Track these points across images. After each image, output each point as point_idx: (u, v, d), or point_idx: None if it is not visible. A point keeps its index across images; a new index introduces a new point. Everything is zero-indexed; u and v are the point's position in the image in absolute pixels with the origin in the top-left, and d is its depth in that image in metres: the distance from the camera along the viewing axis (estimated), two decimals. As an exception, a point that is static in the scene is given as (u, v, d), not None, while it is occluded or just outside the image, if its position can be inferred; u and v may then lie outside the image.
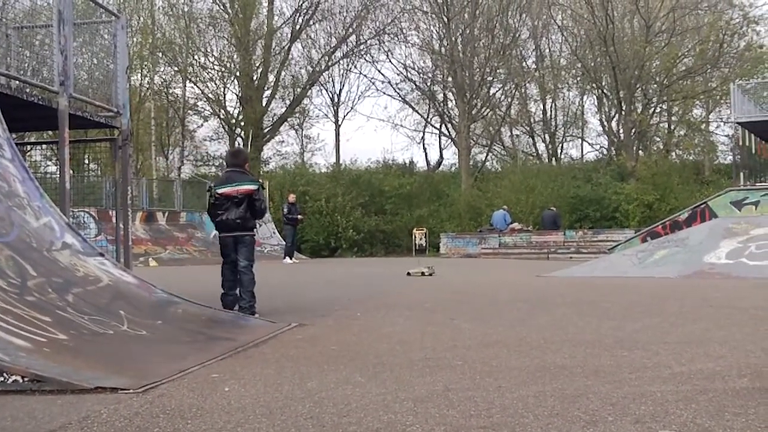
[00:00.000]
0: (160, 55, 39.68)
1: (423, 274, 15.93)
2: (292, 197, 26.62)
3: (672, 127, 43.61)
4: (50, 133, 17.30)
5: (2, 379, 4.25)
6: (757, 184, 23.53)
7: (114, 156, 10.90)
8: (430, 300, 9.81)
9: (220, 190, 8.43)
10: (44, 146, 13.63)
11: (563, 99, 46.49)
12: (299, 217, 25.72)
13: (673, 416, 3.61)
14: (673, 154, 43.25)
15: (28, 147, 11.63)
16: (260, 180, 9.15)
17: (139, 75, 39.31)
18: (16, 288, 5.53)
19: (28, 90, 8.74)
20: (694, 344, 5.73)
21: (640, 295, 10.11)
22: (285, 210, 26.32)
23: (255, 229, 8.76)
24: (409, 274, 16.21)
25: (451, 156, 46.18)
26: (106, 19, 10.65)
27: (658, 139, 42.94)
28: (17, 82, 8.73)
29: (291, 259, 25.91)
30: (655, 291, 10.85)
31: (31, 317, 5.12)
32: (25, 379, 4.26)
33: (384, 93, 47.89)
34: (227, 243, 8.47)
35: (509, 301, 9.49)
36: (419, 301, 9.70)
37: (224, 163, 9.97)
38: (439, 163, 45.39)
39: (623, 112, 38.88)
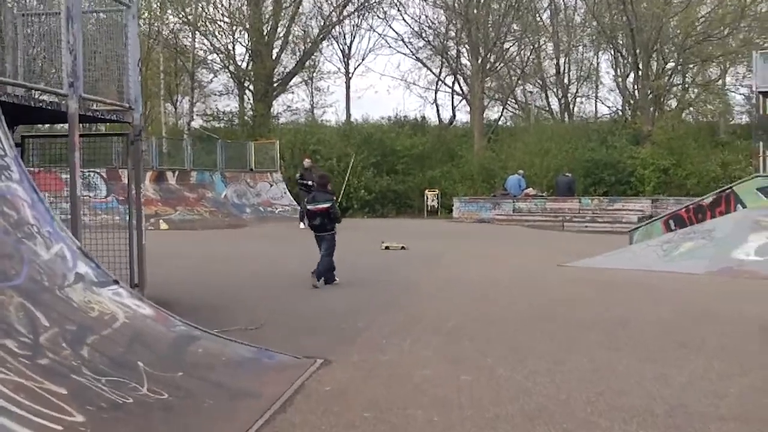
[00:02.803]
0: (169, 4, 38.90)
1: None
2: (307, 161, 26.07)
3: (687, 87, 42.77)
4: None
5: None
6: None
7: (125, 151, 10.51)
8: (452, 315, 9.37)
9: (309, 207, 12.51)
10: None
11: (577, 53, 45.59)
12: (310, 182, 25.21)
13: None
14: (687, 112, 42.53)
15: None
16: (335, 197, 12.82)
17: (148, 25, 38.51)
18: (28, 349, 5.16)
19: (36, 96, 8.30)
20: (755, 422, 5.34)
21: (672, 309, 9.70)
22: (298, 176, 25.91)
23: (334, 231, 12.35)
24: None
25: (464, 116, 45.52)
26: (115, 8, 10.09)
27: (671, 95, 41.95)
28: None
29: (302, 223, 25.53)
30: (687, 300, 10.47)
31: (45, 391, 4.75)
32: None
33: (397, 51, 47.24)
34: (317, 239, 12.46)
35: (537, 319, 9.09)
36: (442, 317, 9.24)
37: (314, 184, 14.63)
38: (452, 121, 44.76)
39: (640, 74, 38.15)
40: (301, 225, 25.29)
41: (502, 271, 14.23)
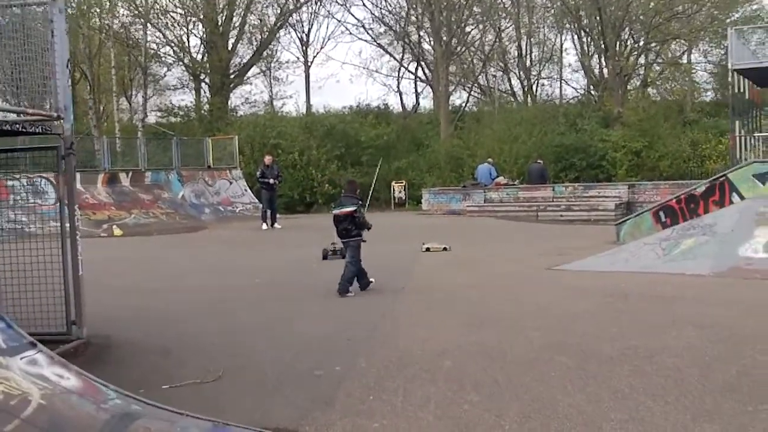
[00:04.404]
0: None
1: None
2: (268, 159, 24.68)
3: (652, 65, 42.06)
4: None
5: None
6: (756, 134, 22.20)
7: (56, 167, 8.97)
8: (445, 349, 7.99)
9: (335, 211, 11.60)
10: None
11: (539, 35, 44.66)
12: (271, 181, 23.74)
13: None
14: (653, 92, 41.88)
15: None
16: (360, 202, 11.75)
17: (98, 18, 36.83)
18: None
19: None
20: None
21: (697, 330, 8.38)
22: (258, 174, 24.51)
23: (359, 237, 11.54)
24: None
25: (427, 103, 44.43)
26: (39, 0, 8.55)
27: (637, 75, 41.17)
28: None
29: (265, 224, 24.20)
30: (709, 314, 9.21)
31: None
32: None
33: (357, 38, 46.11)
34: (343, 245, 11.99)
35: (545, 351, 7.76)
36: (434, 352, 7.85)
37: (342, 190, 12.89)
38: (416, 108, 43.57)
39: (607, 55, 37.21)
40: (264, 226, 24.03)
41: (486, 277, 12.93)
